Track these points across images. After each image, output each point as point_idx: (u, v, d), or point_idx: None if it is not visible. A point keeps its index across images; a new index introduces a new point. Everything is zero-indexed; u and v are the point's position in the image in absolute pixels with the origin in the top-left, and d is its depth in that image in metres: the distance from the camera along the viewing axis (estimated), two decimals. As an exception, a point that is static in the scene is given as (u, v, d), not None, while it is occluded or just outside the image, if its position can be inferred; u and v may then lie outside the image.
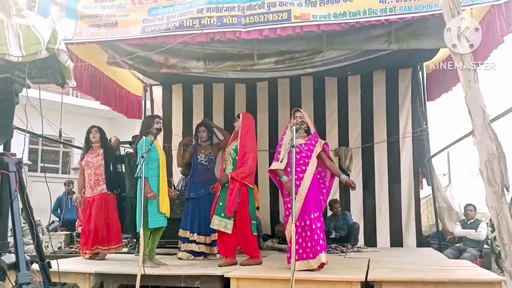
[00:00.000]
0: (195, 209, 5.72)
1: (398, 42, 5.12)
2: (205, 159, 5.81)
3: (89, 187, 5.74)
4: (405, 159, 7.37)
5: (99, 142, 5.81)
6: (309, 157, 4.69)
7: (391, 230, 7.31)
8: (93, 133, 5.80)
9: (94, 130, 5.84)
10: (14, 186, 2.37)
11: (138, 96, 8.25)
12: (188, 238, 5.68)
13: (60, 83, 2.62)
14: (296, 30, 4.60)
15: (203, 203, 5.69)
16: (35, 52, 2.36)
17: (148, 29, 4.91)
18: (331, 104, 7.78)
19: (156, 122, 5.36)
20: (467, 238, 6.91)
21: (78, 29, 5.09)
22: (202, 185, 5.74)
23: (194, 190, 5.77)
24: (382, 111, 7.56)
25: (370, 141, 7.53)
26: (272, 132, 7.86)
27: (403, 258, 5.73)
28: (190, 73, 6.23)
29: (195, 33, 4.72)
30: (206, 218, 5.51)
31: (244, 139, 5.20)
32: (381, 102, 7.58)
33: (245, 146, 5.16)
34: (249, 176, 5.13)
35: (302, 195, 4.57)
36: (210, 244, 5.70)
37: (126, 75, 7.56)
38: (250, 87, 8.09)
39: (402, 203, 7.28)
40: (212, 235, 5.60)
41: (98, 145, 5.81)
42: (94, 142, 5.80)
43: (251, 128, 5.35)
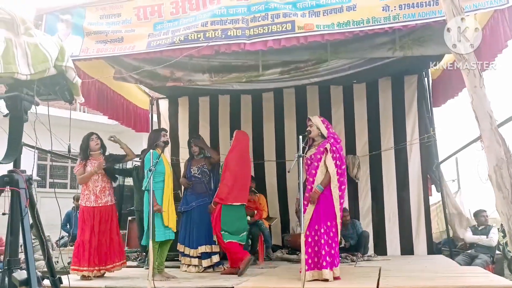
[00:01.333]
0: (186, 222, 5.76)
1: (402, 49, 5.13)
2: (198, 172, 5.85)
3: (93, 194, 5.35)
4: (413, 166, 7.32)
5: (100, 149, 5.55)
6: (317, 167, 4.68)
7: (401, 238, 7.25)
8: (94, 139, 5.52)
9: (95, 136, 5.56)
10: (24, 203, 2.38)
11: (145, 109, 8.30)
12: (183, 252, 5.73)
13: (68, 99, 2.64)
14: (300, 40, 4.63)
15: (193, 216, 5.71)
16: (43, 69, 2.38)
17: (154, 43, 4.95)
18: (337, 112, 7.77)
19: (163, 135, 5.39)
20: (479, 244, 6.83)
21: (85, 45, 5.16)
22: (194, 197, 5.79)
23: (186, 203, 5.82)
24: (388, 118, 7.54)
25: (377, 149, 7.51)
26: (279, 142, 7.88)
27: (414, 266, 5.68)
28: (196, 85, 6.27)
29: (200, 46, 4.76)
30: (195, 231, 5.62)
31: (228, 156, 5.58)
32: (387, 109, 7.56)
33: (227, 163, 5.53)
34: (229, 195, 5.37)
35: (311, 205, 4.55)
36: (200, 257, 5.68)
37: (132, 89, 7.61)
38: (255, 98, 8.11)
39: (412, 210, 7.22)
40: (200, 247, 5.63)
41: (98, 152, 5.52)
42: (96, 149, 5.50)
43: (238, 145, 5.60)
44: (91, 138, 5.54)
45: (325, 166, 4.65)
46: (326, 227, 4.52)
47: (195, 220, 5.68)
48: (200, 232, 5.62)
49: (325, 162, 4.65)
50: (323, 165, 4.66)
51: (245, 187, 5.59)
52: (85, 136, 5.59)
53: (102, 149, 5.59)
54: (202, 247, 5.62)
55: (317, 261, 4.49)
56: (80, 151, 5.53)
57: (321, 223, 4.53)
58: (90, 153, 5.50)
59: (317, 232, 4.54)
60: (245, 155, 5.68)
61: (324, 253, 4.43)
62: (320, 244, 4.48)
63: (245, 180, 5.59)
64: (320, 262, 4.46)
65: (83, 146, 5.52)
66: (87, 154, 5.50)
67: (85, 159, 5.48)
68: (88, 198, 5.37)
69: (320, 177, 4.62)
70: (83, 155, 5.51)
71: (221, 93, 7.96)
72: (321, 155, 4.70)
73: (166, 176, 5.19)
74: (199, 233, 5.62)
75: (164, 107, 8.62)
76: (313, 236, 4.55)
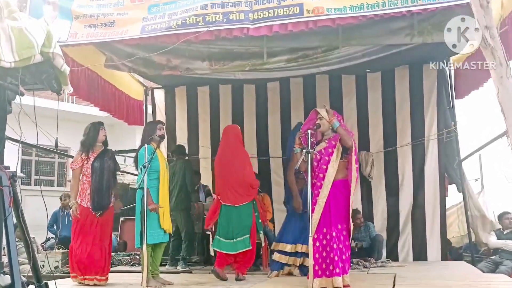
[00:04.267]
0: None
1: (421, 35, 5.10)
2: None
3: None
4: (430, 164, 7.31)
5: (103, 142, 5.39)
6: (327, 162, 4.65)
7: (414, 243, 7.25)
8: (103, 130, 5.32)
9: (104, 126, 5.36)
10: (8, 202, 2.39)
11: (139, 100, 8.31)
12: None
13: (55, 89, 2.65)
14: (309, 25, 4.61)
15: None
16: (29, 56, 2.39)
17: (148, 28, 4.95)
18: (349, 104, 7.76)
19: (159, 128, 5.37)
20: (504, 249, 6.82)
21: (73, 30, 5.16)
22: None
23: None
24: (405, 111, 7.52)
25: (393, 145, 7.49)
26: (285, 137, 7.86)
27: (432, 273, 5.69)
28: (195, 74, 6.26)
29: (200, 31, 4.75)
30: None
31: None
32: (404, 101, 7.54)
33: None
34: (219, 194, 5.57)
35: (320, 205, 4.55)
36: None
37: (125, 78, 7.62)
38: (260, 88, 8.10)
39: (426, 213, 7.22)
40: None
41: (100, 144, 5.36)
42: (102, 141, 5.31)
43: (221, 142, 5.87)
44: (102, 127, 5.35)
45: (337, 161, 4.64)
46: (337, 230, 4.51)
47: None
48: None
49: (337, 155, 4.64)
50: (335, 160, 4.64)
51: (225, 186, 5.55)
52: (95, 124, 5.38)
53: (105, 143, 5.42)
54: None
55: (325, 267, 4.47)
56: (86, 142, 5.29)
57: (332, 225, 4.52)
58: (95, 145, 5.31)
59: (326, 236, 4.53)
60: (226, 152, 5.69)
61: (337, 259, 4.42)
62: (332, 248, 4.46)
63: (222, 179, 5.61)
64: (330, 268, 4.43)
65: (93, 135, 5.28)
66: (93, 146, 5.29)
67: (88, 152, 5.27)
68: (84, 199, 5.25)
69: (332, 173, 4.62)
70: (89, 146, 5.27)
71: (222, 82, 7.94)
72: (333, 149, 4.67)
73: (161, 173, 5.18)
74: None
75: (160, 98, 8.62)
76: (321, 240, 4.53)
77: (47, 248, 8.08)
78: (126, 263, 7.23)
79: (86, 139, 5.31)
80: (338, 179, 4.63)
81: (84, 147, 5.31)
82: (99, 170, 5.23)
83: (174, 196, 6.50)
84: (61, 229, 8.55)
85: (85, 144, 5.31)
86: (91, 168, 5.24)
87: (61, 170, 14.79)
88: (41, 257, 6.85)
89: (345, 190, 4.64)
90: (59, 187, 14.07)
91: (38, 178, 14.02)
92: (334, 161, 4.64)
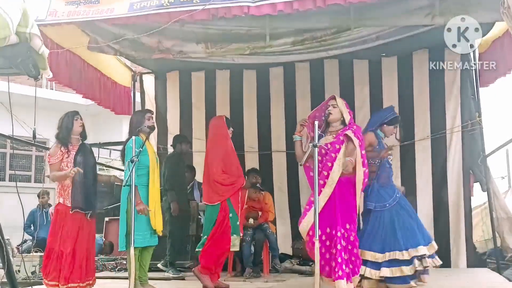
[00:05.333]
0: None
1: (443, 15, 5.07)
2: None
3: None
4: (453, 160, 7.30)
5: (80, 133, 5.27)
6: (333, 159, 4.66)
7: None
8: (79, 120, 5.17)
9: (80, 116, 5.21)
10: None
11: (127, 87, 8.31)
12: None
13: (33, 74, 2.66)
14: (317, 3, 4.60)
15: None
16: (3, 37, 2.39)
17: (137, 5, 4.95)
18: (362, 92, 7.76)
19: (148, 118, 5.36)
20: (533, 256, 6.86)
21: (53, 7, 5.16)
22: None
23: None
24: (424, 101, 7.52)
25: (410, 138, 7.48)
26: (289, 128, 7.86)
27: (453, 281, 5.71)
28: (189, 58, 6.29)
29: (194, 9, 4.75)
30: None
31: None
32: (423, 89, 7.53)
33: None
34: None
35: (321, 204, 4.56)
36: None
37: (111, 62, 7.61)
38: (261, 74, 8.10)
39: (450, 214, 7.22)
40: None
41: (77, 137, 5.22)
42: (78, 133, 5.18)
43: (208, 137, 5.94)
44: (76, 117, 5.21)
45: (344, 159, 4.64)
46: (344, 230, 4.54)
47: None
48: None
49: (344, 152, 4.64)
50: (341, 157, 4.64)
51: (206, 184, 5.61)
52: (68, 114, 5.22)
53: (83, 135, 5.30)
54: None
55: (329, 270, 4.52)
56: (59, 135, 5.15)
57: (337, 225, 4.55)
58: (71, 137, 5.19)
59: (329, 236, 4.57)
60: (207, 146, 5.82)
61: (340, 261, 4.45)
62: (336, 250, 4.50)
63: (205, 176, 5.68)
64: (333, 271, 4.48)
65: (66, 126, 5.13)
66: (69, 139, 5.14)
67: (66, 145, 5.11)
68: (66, 197, 5.09)
69: (338, 171, 4.62)
70: (64, 139, 5.12)
71: (219, 67, 7.96)
72: (340, 145, 4.68)
73: (151, 169, 5.18)
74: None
75: (150, 84, 8.63)
76: (324, 241, 4.57)
77: (23, 251, 8.09)
78: (111, 268, 7.26)
79: (60, 132, 5.14)
80: (345, 176, 4.65)
81: (59, 139, 5.15)
82: (84, 165, 5.10)
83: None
84: (38, 230, 8.58)
85: (58, 137, 5.16)
86: (73, 163, 5.18)
87: (39, 164, 14.79)
88: (16, 261, 6.91)
89: (352, 188, 4.67)
90: (36, 183, 14.11)
91: (13, 173, 14.05)
92: (341, 159, 4.64)
